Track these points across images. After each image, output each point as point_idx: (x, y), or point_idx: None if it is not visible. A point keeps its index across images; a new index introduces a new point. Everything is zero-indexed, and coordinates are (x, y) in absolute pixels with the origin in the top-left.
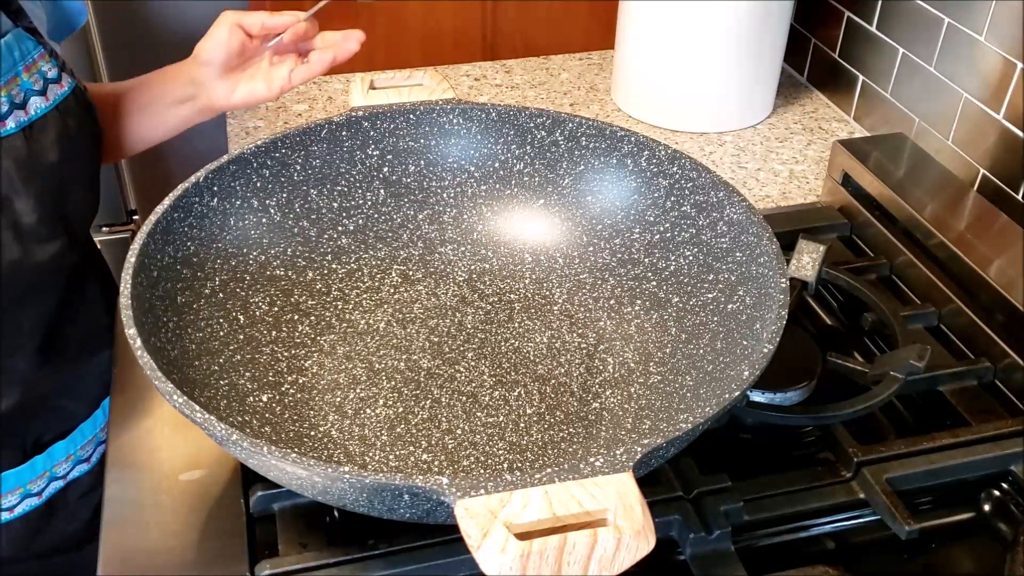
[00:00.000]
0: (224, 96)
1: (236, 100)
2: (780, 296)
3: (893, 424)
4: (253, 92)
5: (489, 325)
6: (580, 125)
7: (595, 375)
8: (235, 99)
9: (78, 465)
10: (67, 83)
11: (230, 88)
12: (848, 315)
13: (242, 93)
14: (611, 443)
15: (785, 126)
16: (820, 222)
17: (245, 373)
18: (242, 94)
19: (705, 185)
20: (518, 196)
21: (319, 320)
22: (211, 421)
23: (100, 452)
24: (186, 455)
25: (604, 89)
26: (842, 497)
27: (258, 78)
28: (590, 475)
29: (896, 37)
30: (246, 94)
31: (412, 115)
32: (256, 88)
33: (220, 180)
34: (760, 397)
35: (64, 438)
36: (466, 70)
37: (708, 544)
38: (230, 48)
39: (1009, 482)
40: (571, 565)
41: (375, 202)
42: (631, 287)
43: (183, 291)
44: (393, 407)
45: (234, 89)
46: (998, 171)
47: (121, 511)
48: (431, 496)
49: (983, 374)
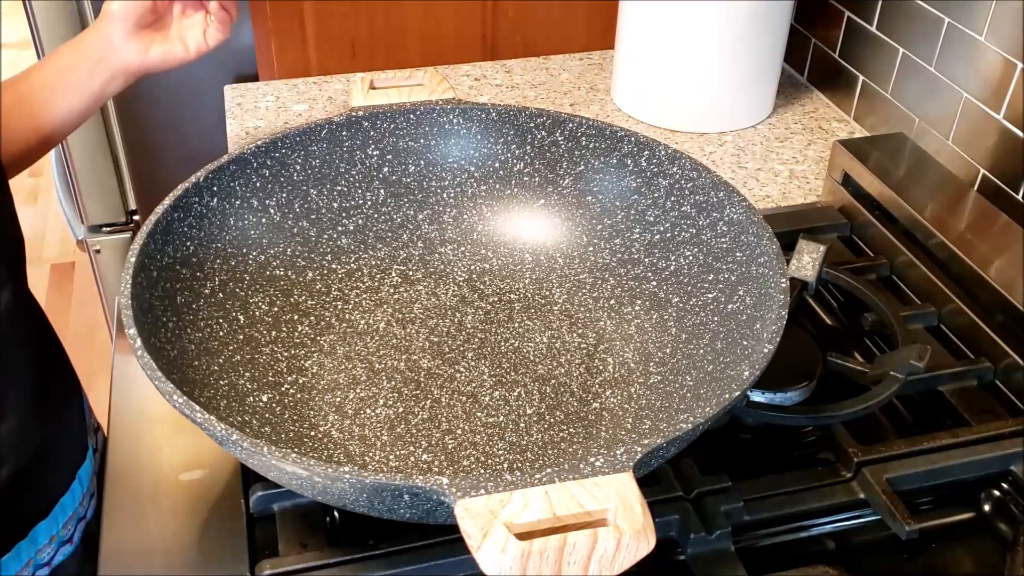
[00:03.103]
0: (137, 57)
1: (151, 61)
2: (780, 296)
3: (893, 424)
4: (170, 53)
5: (489, 325)
6: (580, 125)
7: (595, 375)
8: (149, 60)
9: (62, 547)
10: None
11: (143, 48)
12: (848, 315)
13: (157, 54)
14: (611, 443)
15: (785, 126)
16: (820, 222)
17: (245, 373)
18: (157, 55)
19: (705, 185)
20: (518, 196)
21: (319, 320)
22: (211, 421)
23: (81, 530)
24: (186, 455)
25: (604, 89)
26: (842, 497)
27: (174, 38)
28: (590, 475)
29: (896, 37)
30: (162, 55)
31: (412, 115)
32: (173, 49)
33: (220, 180)
34: (760, 397)
35: (45, 517)
36: (466, 70)
37: (708, 544)
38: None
39: (1009, 482)
40: (571, 565)
41: (375, 202)
42: (631, 287)
43: (183, 291)
44: (393, 407)
45: (147, 50)
46: (998, 171)
47: (121, 511)
48: (431, 496)
49: (983, 374)
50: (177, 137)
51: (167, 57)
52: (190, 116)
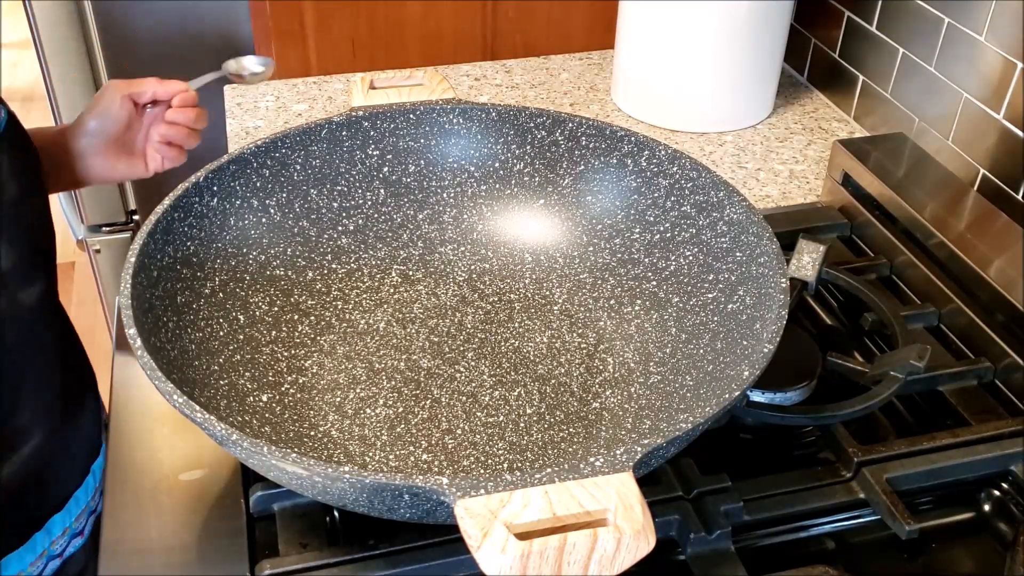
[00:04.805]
0: (101, 172)
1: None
2: (780, 296)
3: (893, 424)
4: (132, 171)
5: (489, 325)
6: (580, 125)
7: (595, 375)
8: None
9: (73, 539)
10: (2, 110)
11: (110, 165)
12: (848, 315)
13: (121, 171)
14: (611, 443)
15: (785, 126)
16: (820, 222)
17: (245, 373)
18: (121, 172)
19: (705, 185)
20: (518, 196)
21: (319, 320)
22: (211, 421)
23: (91, 523)
24: (186, 455)
25: (604, 89)
26: (842, 497)
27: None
28: (590, 475)
29: (896, 37)
30: (125, 172)
31: (412, 115)
32: (136, 169)
33: (220, 180)
34: (760, 397)
35: (60, 510)
36: (466, 70)
37: (708, 544)
38: (118, 121)
39: (1009, 482)
40: (571, 565)
41: (375, 202)
42: (631, 287)
43: (183, 291)
44: (393, 407)
45: (114, 166)
46: (998, 171)
47: (121, 511)
48: (431, 496)
49: (983, 374)
50: None
51: (128, 175)
52: None
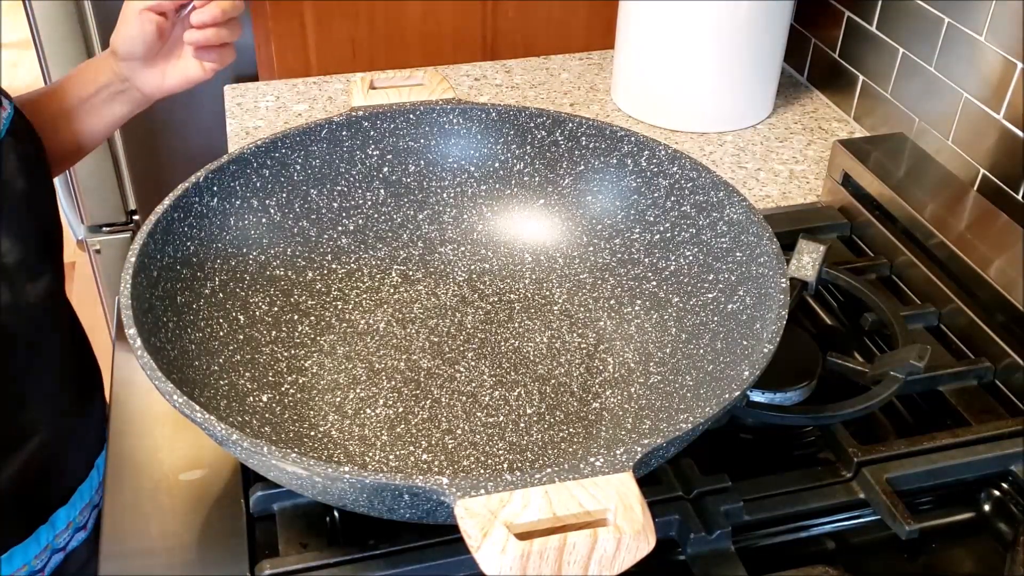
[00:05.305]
0: (156, 85)
1: (169, 86)
2: (780, 296)
3: (893, 424)
4: (187, 76)
5: (489, 325)
6: (580, 125)
7: (595, 375)
8: (168, 85)
9: (76, 533)
10: (7, 104)
11: (160, 76)
12: (848, 315)
13: (175, 78)
14: (611, 443)
15: (785, 126)
16: (820, 222)
17: (245, 373)
18: (175, 79)
19: (705, 185)
20: (518, 196)
21: (319, 320)
22: (211, 421)
23: (94, 518)
24: (186, 455)
25: (604, 89)
26: (842, 497)
27: (188, 59)
28: (590, 475)
29: (896, 37)
30: (180, 79)
31: (412, 115)
32: (189, 70)
33: (220, 180)
34: (760, 397)
35: (65, 503)
36: (466, 70)
37: (708, 544)
38: (146, 37)
39: (1009, 482)
40: (571, 565)
41: (375, 202)
42: (631, 287)
43: (183, 291)
44: (393, 407)
45: (164, 75)
46: (998, 171)
47: (121, 511)
48: (431, 496)
49: (983, 374)
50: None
51: (185, 80)
52: (190, 116)
